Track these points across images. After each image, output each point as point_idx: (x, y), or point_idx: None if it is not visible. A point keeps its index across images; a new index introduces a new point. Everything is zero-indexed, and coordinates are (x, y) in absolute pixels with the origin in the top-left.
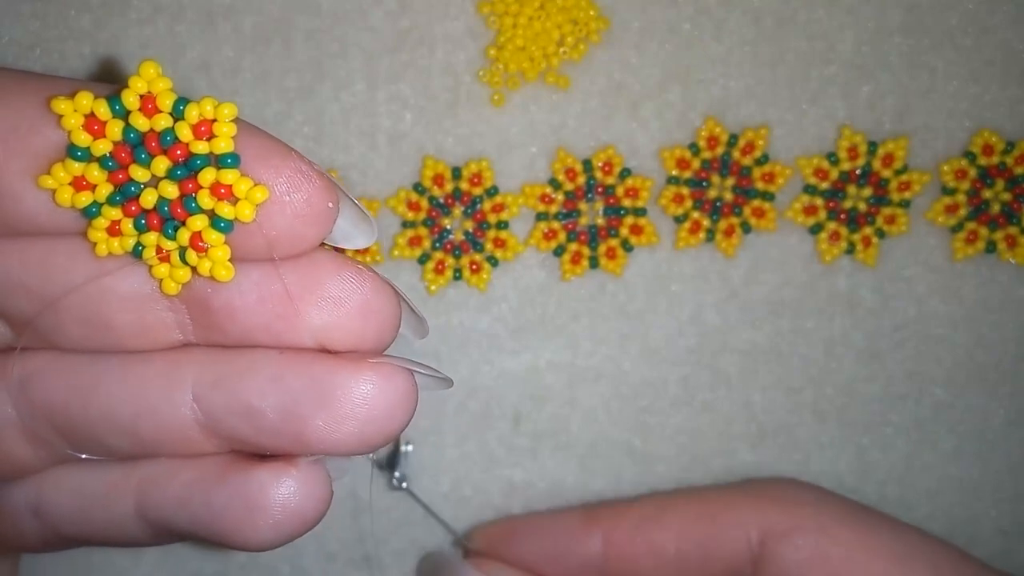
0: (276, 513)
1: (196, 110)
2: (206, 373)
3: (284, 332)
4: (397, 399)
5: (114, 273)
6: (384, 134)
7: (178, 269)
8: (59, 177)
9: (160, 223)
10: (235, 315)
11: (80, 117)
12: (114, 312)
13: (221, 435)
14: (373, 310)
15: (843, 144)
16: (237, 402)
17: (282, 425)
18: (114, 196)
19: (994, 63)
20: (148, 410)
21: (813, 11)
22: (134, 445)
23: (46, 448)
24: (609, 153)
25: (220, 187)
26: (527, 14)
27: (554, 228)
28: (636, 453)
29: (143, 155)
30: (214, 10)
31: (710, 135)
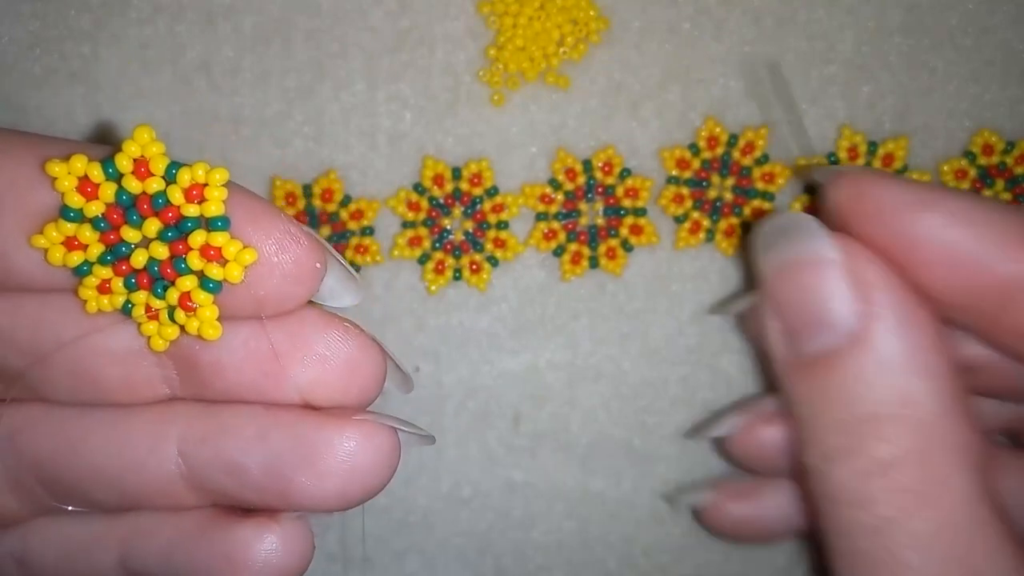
0: (258, 570)
1: (188, 174)
2: (192, 428)
3: (270, 388)
4: (380, 456)
5: (104, 330)
6: (384, 134)
7: (167, 327)
8: (51, 237)
9: (150, 283)
10: (222, 372)
11: (74, 180)
12: (103, 367)
13: (205, 489)
14: (358, 367)
15: (843, 144)
16: (222, 458)
17: (266, 481)
18: (105, 256)
19: (994, 63)
20: (134, 464)
21: (813, 11)
22: (119, 498)
23: (31, 499)
24: (609, 153)
25: (210, 249)
26: (527, 14)
27: (554, 228)
28: (636, 453)
29: (135, 217)
30: (214, 10)
31: (710, 135)
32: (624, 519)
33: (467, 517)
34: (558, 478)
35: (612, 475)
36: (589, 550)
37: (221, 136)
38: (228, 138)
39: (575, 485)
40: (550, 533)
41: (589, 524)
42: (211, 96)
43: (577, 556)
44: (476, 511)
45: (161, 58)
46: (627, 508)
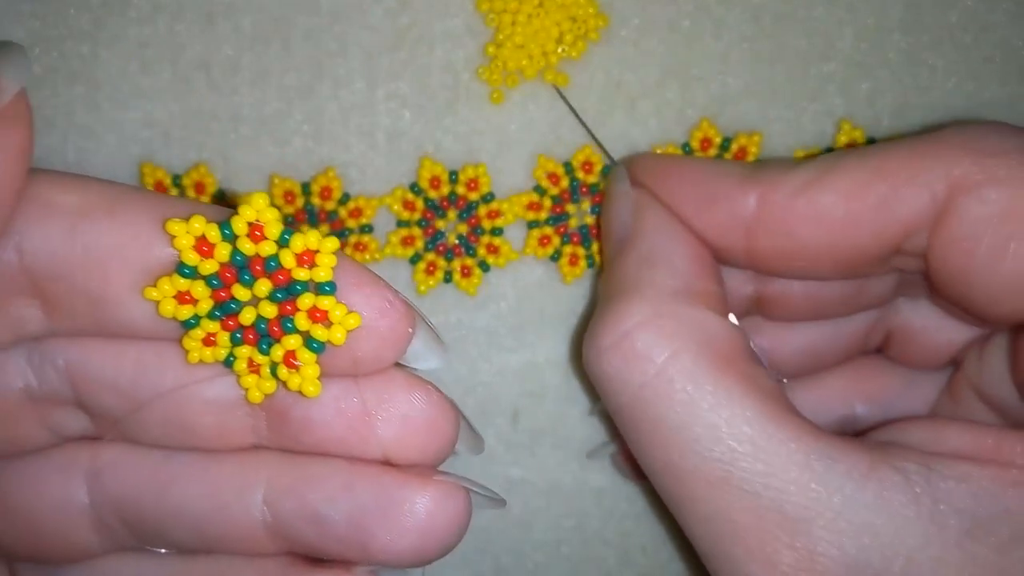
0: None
1: (301, 241)
2: (278, 478)
3: (355, 444)
4: (455, 515)
5: (202, 380)
6: (383, 132)
7: (266, 381)
8: (164, 290)
9: (256, 339)
10: (312, 426)
11: (192, 239)
12: (197, 415)
13: (286, 538)
14: (438, 428)
15: (841, 139)
16: (307, 508)
17: (348, 533)
18: (214, 311)
19: (993, 60)
20: (219, 508)
21: (812, 8)
22: (199, 541)
23: (110, 537)
24: (587, 153)
25: (317, 311)
26: (526, 12)
27: (547, 233)
28: None
29: (247, 277)
30: (213, 9)
31: (704, 136)
32: (623, 516)
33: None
34: (557, 475)
35: (610, 472)
36: (588, 547)
37: (220, 135)
38: (227, 137)
39: (574, 482)
40: (549, 530)
41: (588, 521)
42: (210, 95)
43: (576, 553)
44: (475, 509)
45: (160, 57)
46: (626, 505)
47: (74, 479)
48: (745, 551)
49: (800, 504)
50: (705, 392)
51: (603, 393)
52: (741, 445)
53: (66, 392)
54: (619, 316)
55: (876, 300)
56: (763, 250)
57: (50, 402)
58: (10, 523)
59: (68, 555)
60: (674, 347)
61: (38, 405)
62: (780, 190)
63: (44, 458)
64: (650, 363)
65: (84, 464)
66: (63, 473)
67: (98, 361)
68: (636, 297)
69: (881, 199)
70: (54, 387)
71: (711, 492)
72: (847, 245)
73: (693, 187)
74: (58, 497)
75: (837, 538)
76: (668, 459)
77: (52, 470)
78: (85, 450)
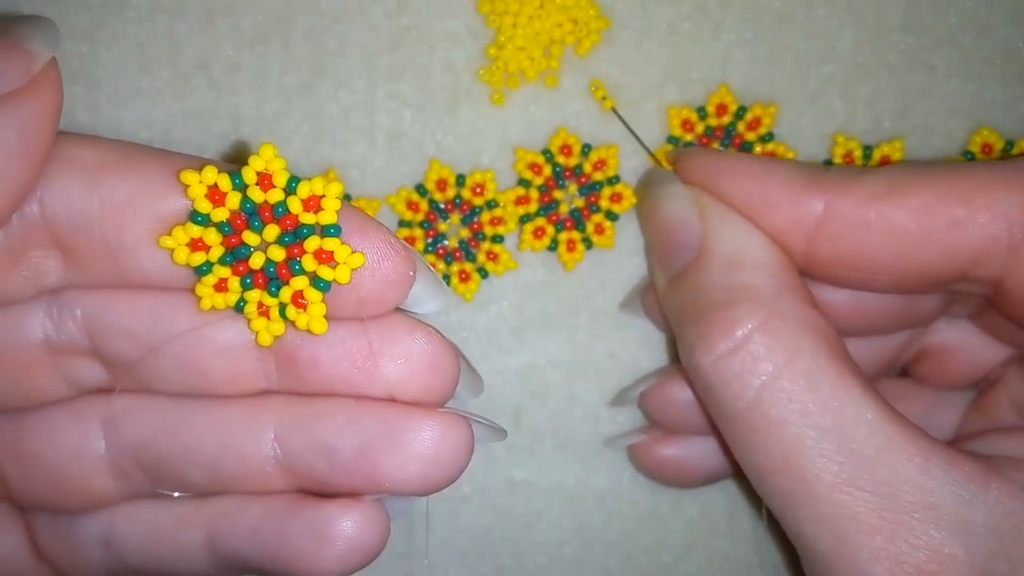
0: (342, 544)
1: (308, 187)
2: (287, 415)
3: (360, 383)
4: (459, 445)
5: (215, 324)
6: (383, 132)
7: (275, 323)
8: (178, 238)
9: (265, 282)
10: (318, 366)
11: (204, 188)
12: (210, 359)
13: (296, 473)
14: (440, 368)
15: (838, 151)
16: (316, 441)
17: (356, 463)
18: (225, 257)
19: (993, 62)
20: (231, 446)
21: (812, 10)
22: (212, 480)
23: (126, 482)
24: (563, 136)
25: (323, 252)
26: (527, 13)
27: (540, 224)
28: None
29: (257, 223)
30: (213, 8)
31: (720, 102)
32: (625, 517)
33: (467, 516)
34: (558, 476)
35: (613, 473)
36: (590, 549)
37: (220, 134)
38: (227, 136)
39: (575, 483)
40: (550, 532)
41: (589, 522)
42: (210, 94)
43: (577, 555)
44: (476, 510)
45: (160, 57)
46: (628, 506)
47: (90, 427)
48: (871, 552)
49: (925, 505)
50: (825, 392)
51: (715, 401)
52: (864, 447)
53: (83, 342)
54: (730, 322)
55: (922, 318)
56: (823, 256)
57: (67, 352)
58: (29, 473)
59: (85, 503)
60: (791, 348)
61: (56, 355)
62: (849, 198)
63: (61, 408)
64: (768, 365)
65: (99, 412)
66: (79, 422)
67: (114, 310)
68: (743, 301)
69: (955, 220)
70: (72, 337)
71: (833, 493)
72: (913, 261)
73: (752, 188)
74: (75, 445)
75: (965, 540)
76: (787, 460)
77: (68, 419)
78: (100, 400)
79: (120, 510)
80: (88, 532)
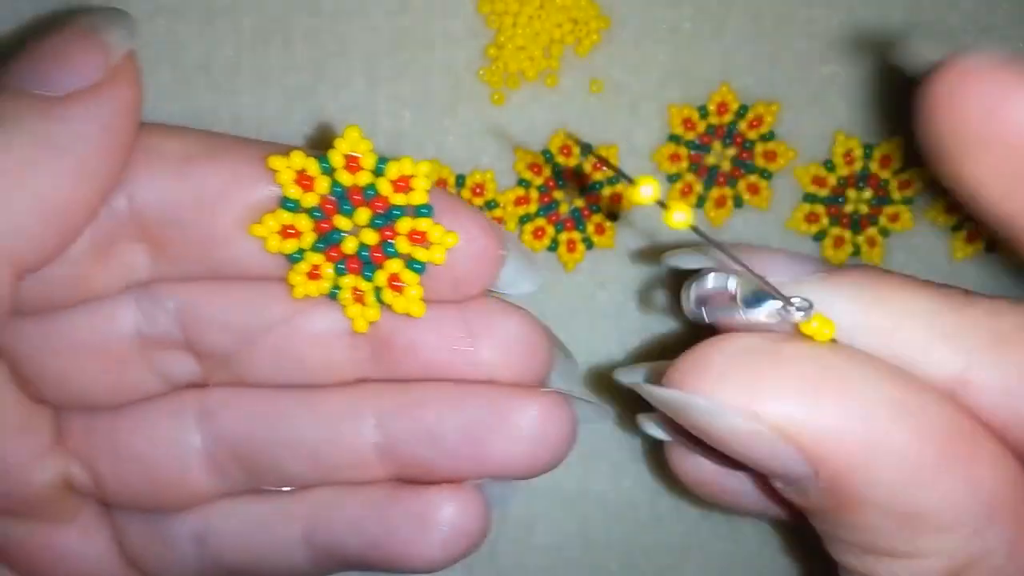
0: (445, 530)
1: (396, 168)
2: (387, 401)
3: (458, 367)
4: (564, 425)
5: (309, 312)
6: (384, 133)
7: (370, 309)
8: (269, 226)
9: (359, 267)
10: (416, 351)
11: (293, 173)
12: (305, 349)
13: (398, 460)
14: (536, 350)
15: (838, 150)
16: (419, 426)
17: (461, 447)
18: (317, 243)
19: None
20: (331, 436)
21: (813, 10)
22: (312, 471)
23: (222, 478)
24: (562, 136)
25: (416, 233)
26: (527, 13)
27: (540, 225)
28: (638, 451)
29: (347, 206)
30: (214, 9)
31: (722, 100)
32: (625, 520)
33: None
34: (559, 479)
35: (614, 474)
36: (590, 552)
37: None
38: None
39: (576, 486)
40: (550, 535)
41: (590, 525)
42: (211, 95)
43: (578, 558)
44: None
45: (160, 57)
46: (628, 509)
47: (186, 422)
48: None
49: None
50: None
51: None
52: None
53: (176, 334)
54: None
55: None
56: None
57: (160, 346)
58: (124, 471)
59: (180, 501)
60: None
61: (148, 350)
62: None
63: (155, 404)
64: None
65: (194, 407)
66: (174, 417)
67: (206, 301)
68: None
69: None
70: (164, 330)
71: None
72: None
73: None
74: (171, 440)
75: None
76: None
77: (164, 415)
78: (194, 395)
79: (214, 507)
80: (181, 530)
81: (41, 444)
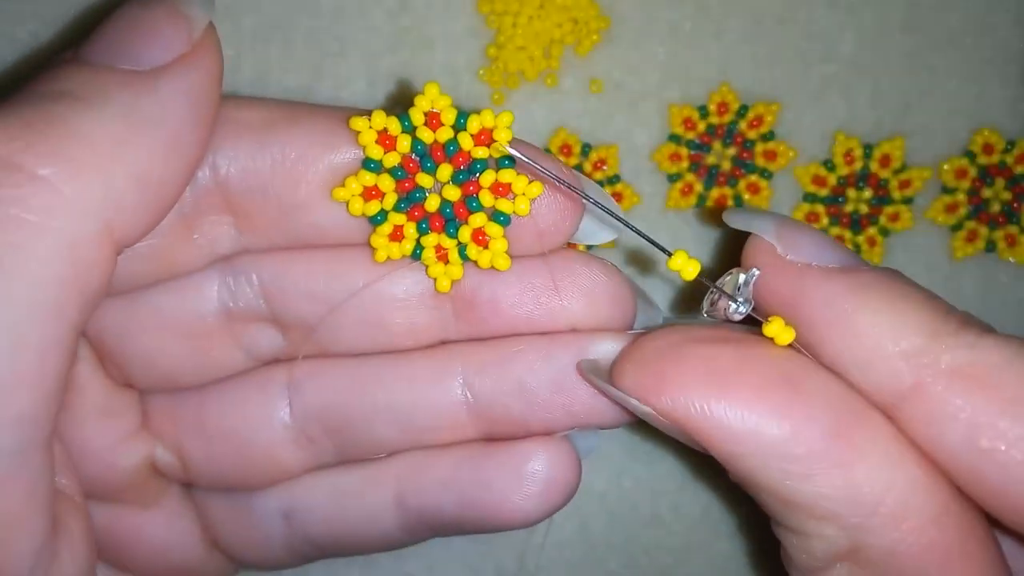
0: (541, 481)
1: (477, 121)
2: (474, 359)
3: (542, 321)
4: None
5: (392, 275)
6: None
7: (454, 267)
8: (352, 188)
9: (442, 225)
10: (499, 307)
11: (374, 134)
12: (389, 313)
13: (489, 417)
14: (619, 299)
15: (838, 150)
16: (508, 380)
17: (553, 397)
18: (400, 203)
19: (994, 62)
20: (421, 396)
21: (813, 10)
22: (403, 434)
23: (311, 451)
24: (563, 136)
25: (499, 186)
26: (527, 13)
27: None
28: (638, 451)
29: (429, 164)
30: (214, 9)
31: (722, 100)
32: (625, 519)
33: None
34: None
35: (614, 473)
36: (590, 550)
37: None
38: None
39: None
40: (552, 533)
41: (591, 524)
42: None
43: (578, 557)
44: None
45: None
46: (628, 508)
47: (274, 395)
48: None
49: None
50: None
51: None
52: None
53: (260, 308)
54: None
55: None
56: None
57: (245, 319)
58: (213, 449)
59: (269, 476)
60: None
61: (234, 324)
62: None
63: (242, 380)
64: None
65: (282, 380)
66: (262, 392)
67: (291, 271)
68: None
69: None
70: (249, 303)
71: None
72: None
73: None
74: (260, 416)
75: None
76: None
77: (251, 390)
78: (281, 368)
79: (300, 482)
80: (268, 507)
81: (126, 428)
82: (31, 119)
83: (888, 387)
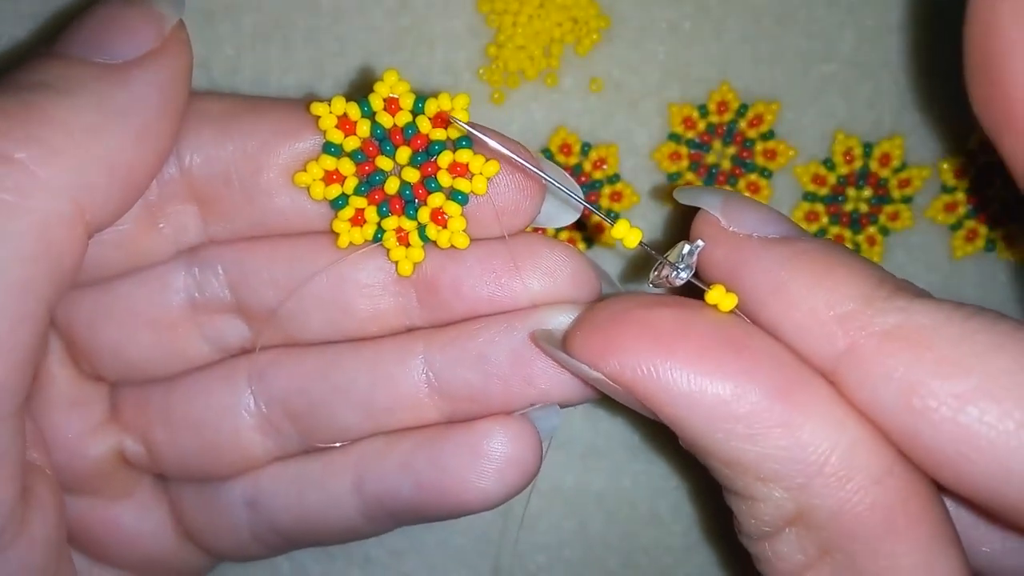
0: (498, 459)
1: (434, 104)
2: (436, 338)
3: (504, 302)
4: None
5: (353, 258)
6: None
7: (414, 249)
8: (314, 172)
9: (402, 207)
10: (461, 289)
11: (334, 118)
12: (354, 299)
13: (450, 395)
14: (582, 281)
15: (838, 149)
16: (468, 354)
17: (512, 368)
18: (360, 187)
19: None
20: (383, 378)
21: (813, 9)
22: (366, 417)
23: (275, 439)
24: (563, 135)
25: (457, 166)
26: (527, 12)
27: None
28: (638, 450)
29: (388, 147)
30: (214, 8)
31: (722, 99)
32: (624, 518)
33: (467, 516)
34: (559, 477)
35: (614, 473)
36: (589, 550)
37: None
38: None
39: (576, 484)
40: (550, 532)
41: (589, 523)
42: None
43: (577, 556)
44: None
45: None
46: (628, 507)
47: (238, 385)
48: None
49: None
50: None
51: None
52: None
53: (226, 298)
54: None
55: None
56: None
57: (211, 309)
58: (179, 440)
59: (235, 466)
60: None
61: (199, 315)
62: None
63: (207, 371)
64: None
65: (245, 370)
66: (227, 381)
67: (255, 259)
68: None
69: None
70: (215, 293)
71: None
72: None
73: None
74: (225, 405)
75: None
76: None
77: (216, 380)
78: (245, 358)
79: (265, 471)
80: (233, 495)
81: (95, 419)
82: (8, 107)
83: (825, 351)
